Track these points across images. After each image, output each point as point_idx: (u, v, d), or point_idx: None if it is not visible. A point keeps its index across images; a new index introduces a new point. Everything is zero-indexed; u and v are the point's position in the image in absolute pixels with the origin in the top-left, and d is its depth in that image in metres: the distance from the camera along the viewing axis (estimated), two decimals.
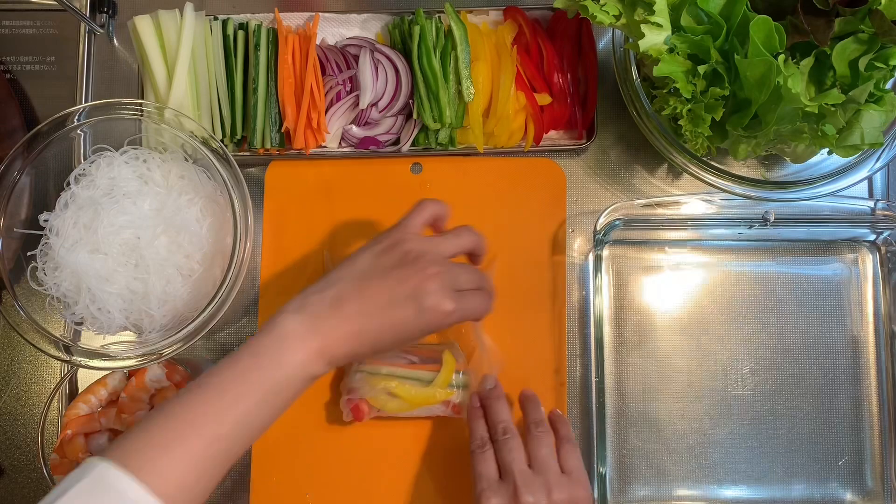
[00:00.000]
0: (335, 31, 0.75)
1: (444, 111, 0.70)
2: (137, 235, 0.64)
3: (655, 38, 0.60)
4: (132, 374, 0.69)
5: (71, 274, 0.64)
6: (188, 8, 0.70)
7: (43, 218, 0.66)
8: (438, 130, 0.71)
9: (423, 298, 0.55)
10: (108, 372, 0.69)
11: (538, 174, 0.74)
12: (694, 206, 0.69)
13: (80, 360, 0.64)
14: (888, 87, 0.61)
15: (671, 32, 0.60)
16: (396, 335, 0.56)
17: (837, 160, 0.66)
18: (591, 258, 0.73)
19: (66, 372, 0.71)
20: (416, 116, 0.71)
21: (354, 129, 0.73)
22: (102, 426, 0.67)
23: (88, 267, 0.63)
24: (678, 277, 0.74)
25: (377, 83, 0.72)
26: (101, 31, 0.76)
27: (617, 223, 0.68)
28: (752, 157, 0.69)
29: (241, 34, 0.72)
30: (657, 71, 0.59)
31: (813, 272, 0.74)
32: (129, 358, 0.64)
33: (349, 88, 0.72)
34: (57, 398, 0.71)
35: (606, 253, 0.73)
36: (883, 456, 0.72)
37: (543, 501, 0.58)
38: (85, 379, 0.72)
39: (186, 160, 0.69)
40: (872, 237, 0.74)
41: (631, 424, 0.72)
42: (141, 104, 0.66)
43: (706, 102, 0.61)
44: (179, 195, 0.66)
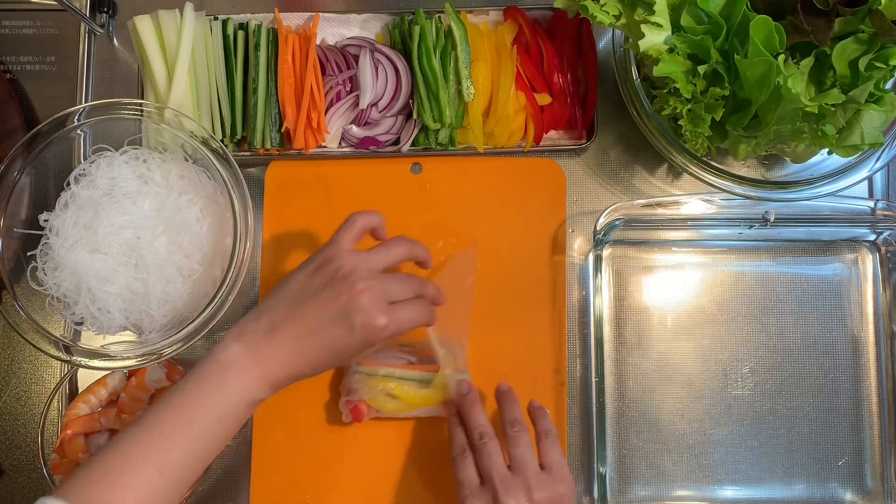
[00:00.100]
0: (335, 31, 0.75)
1: (444, 111, 0.70)
2: (137, 235, 0.64)
3: (655, 38, 0.60)
4: (132, 374, 0.69)
5: (71, 274, 0.64)
6: (188, 8, 0.70)
7: (43, 218, 0.66)
8: (438, 130, 0.71)
9: (354, 315, 0.56)
10: (108, 372, 0.69)
11: (538, 174, 0.74)
12: (694, 206, 0.69)
13: (80, 360, 0.64)
14: (888, 87, 0.61)
15: (671, 32, 0.60)
16: (334, 354, 0.57)
17: (837, 160, 0.66)
18: (591, 258, 0.73)
19: (66, 372, 0.71)
20: (416, 116, 0.71)
21: (354, 129, 0.73)
22: (102, 426, 0.67)
23: (88, 267, 0.63)
24: (678, 277, 0.74)
25: (377, 83, 0.72)
26: (101, 31, 0.76)
27: (617, 223, 0.68)
28: (752, 157, 0.69)
29: (241, 34, 0.72)
30: (657, 71, 0.59)
31: (813, 272, 0.74)
32: (129, 358, 0.64)
33: (349, 88, 0.72)
34: (57, 398, 0.71)
35: (606, 253, 0.73)
36: (883, 456, 0.72)
37: (525, 499, 0.58)
38: (85, 379, 0.72)
39: (186, 160, 0.69)
40: (872, 237, 0.74)
41: (631, 424, 0.72)
42: (141, 104, 0.66)
43: (706, 102, 0.61)
44: (179, 195, 0.66)
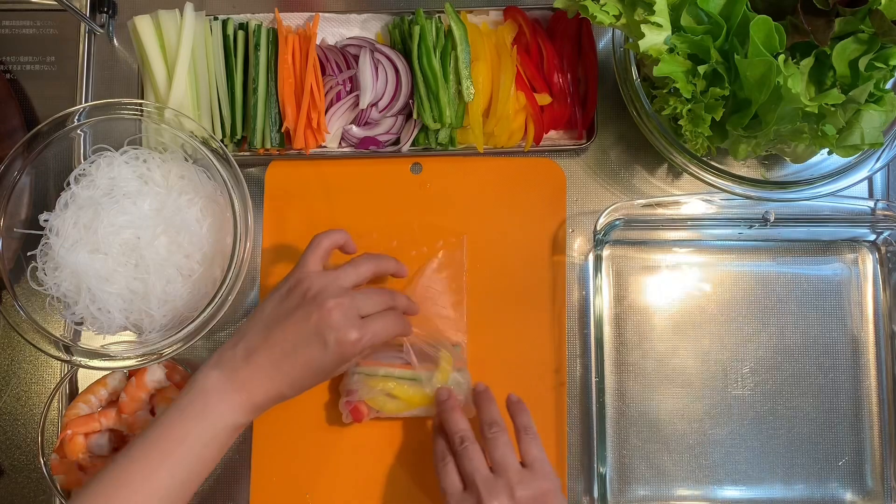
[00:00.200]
0: (335, 31, 0.75)
1: (444, 111, 0.70)
2: (137, 235, 0.64)
3: (655, 38, 0.60)
4: (132, 374, 0.69)
5: (71, 274, 0.64)
6: (188, 8, 0.70)
7: (43, 218, 0.66)
8: (438, 130, 0.71)
9: (326, 333, 0.57)
10: (108, 372, 0.69)
11: (538, 174, 0.74)
12: (694, 206, 0.69)
13: (80, 360, 0.64)
14: (888, 87, 0.61)
15: (671, 32, 0.60)
16: (311, 372, 0.58)
17: (837, 160, 0.66)
18: (591, 258, 0.73)
19: (66, 372, 0.71)
20: (416, 116, 0.71)
21: (354, 129, 0.73)
22: (102, 426, 0.68)
23: (88, 267, 0.63)
24: (678, 277, 0.74)
25: (377, 83, 0.72)
26: (101, 31, 0.76)
27: (617, 223, 0.68)
28: (752, 157, 0.69)
29: (241, 34, 0.72)
30: (657, 71, 0.59)
31: (813, 272, 0.74)
32: (129, 358, 0.64)
33: (349, 88, 0.72)
34: (57, 398, 0.71)
35: (606, 253, 0.73)
36: (883, 456, 0.72)
37: (509, 499, 0.58)
38: (85, 379, 0.72)
39: (186, 160, 0.69)
40: (872, 237, 0.74)
41: (631, 424, 0.72)
42: (141, 104, 0.66)
43: (706, 102, 0.61)
44: (179, 195, 0.66)
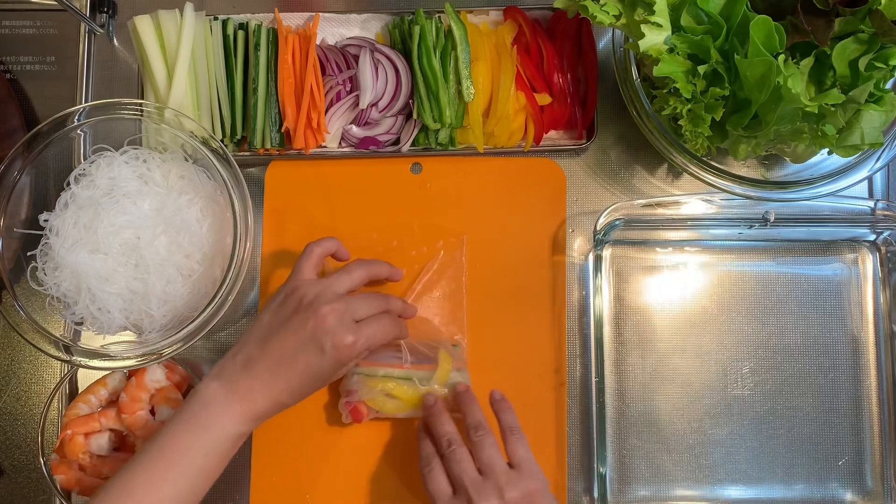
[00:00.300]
0: (335, 31, 0.75)
1: (444, 111, 0.70)
2: (137, 235, 0.64)
3: (655, 38, 0.60)
4: (132, 374, 0.69)
5: (71, 274, 0.64)
6: (188, 8, 0.70)
7: (43, 218, 0.66)
8: (438, 130, 0.71)
9: (322, 338, 0.58)
10: (108, 372, 0.69)
11: (538, 174, 0.74)
12: (694, 206, 0.69)
13: (80, 360, 0.64)
14: (888, 87, 0.61)
15: (671, 32, 0.60)
16: (310, 378, 0.59)
17: (837, 160, 0.66)
18: (591, 258, 0.73)
19: (66, 372, 0.71)
20: (416, 116, 0.71)
21: (354, 129, 0.73)
22: (102, 426, 0.68)
23: (88, 267, 0.63)
24: (678, 277, 0.74)
25: (377, 83, 0.72)
26: (101, 31, 0.76)
27: (617, 223, 0.68)
28: (752, 157, 0.69)
29: (241, 34, 0.72)
30: (657, 71, 0.59)
31: (813, 272, 0.74)
32: (129, 358, 0.64)
33: (349, 88, 0.72)
34: (57, 398, 0.71)
35: (606, 253, 0.73)
36: (883, 456, 0.72)
37: (498, 500, 0.58)
38: (85, 379, 0.72)
39: (186, 160, 0.69)
40: (872, 237, 0.74)
41: (631, 424, 0.72)
42: (141, 104, 0.66)
43: (706, 102, 0.60)
44: (179, 195, 0.66)
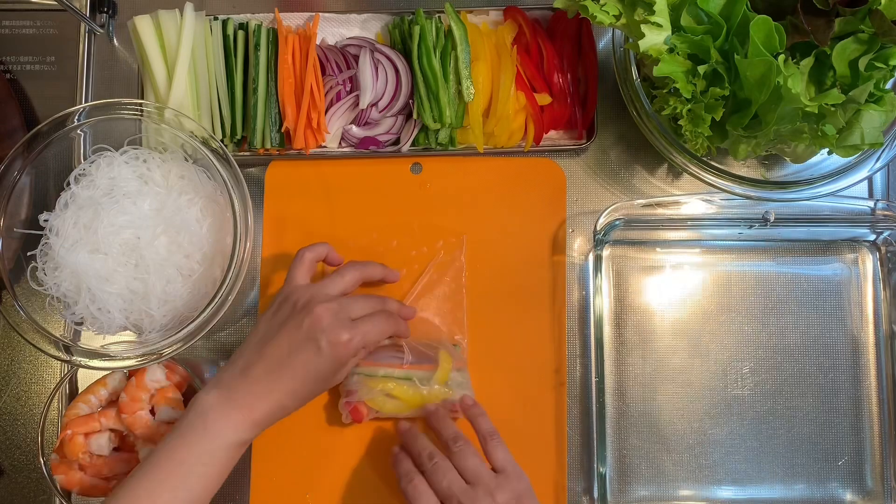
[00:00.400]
0: (335, 31, 0.75)
1: (444, 111, 0.70)
2: (137, 235, 0.64)
3: (655, 38, 0.60)
4: (132, 374, 0.69)
5: (71, 274, 0.64)
6: (188, 8, 0.70)
7: (43, 218, 0.66)
8: (438, 130, 0.71)
9: (318, 336, 0.58)
10: (108, 372, 0.69)
11: (538, 174, 0.74)
12: (694, 206, 0.69)
13: (80, 360, 0.64)
14: (888, 87, 0.61)
15: (671, 32, 0.60)
16: (309, 378, 0.59)
17: (837, 160, 0.66)
18: (591, 258, 0.73)
19: (66, 372, 0.71)
20: (416, 116, 0.71)
21: (354, 129, 0.73)
22: (102, 426, 0.67)
23: (88, 267, 0.63)
24: (678, 277, 0.74)
25: (377, 83, 0.72)
26: (101, 31, 0.76)
27: (617, 223, 0.68)
28: (752, 157, 0.69)
29: (241, 34, 0.72)
30: (657, 71, 0.59)
31: (813, 272, 0.74)
32: (129, 358, 0.64)
33: (349, 88, 0.72)
34: (57, 398, 0.71)
35: (606, 253, 0.73)
36: (883, 456, 0.72)
37: None
38: (85, 379, 0.72)
39: (186, 160, 0.69)
40: (872, 237, 0.74)
41: (631, 424, 0.72)
42: (141, 104, 0.66)
43: (706, 102, 0.60)
44: (179, 195, 0.66)
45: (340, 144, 0.74)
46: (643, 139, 0.69)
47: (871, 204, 0.69)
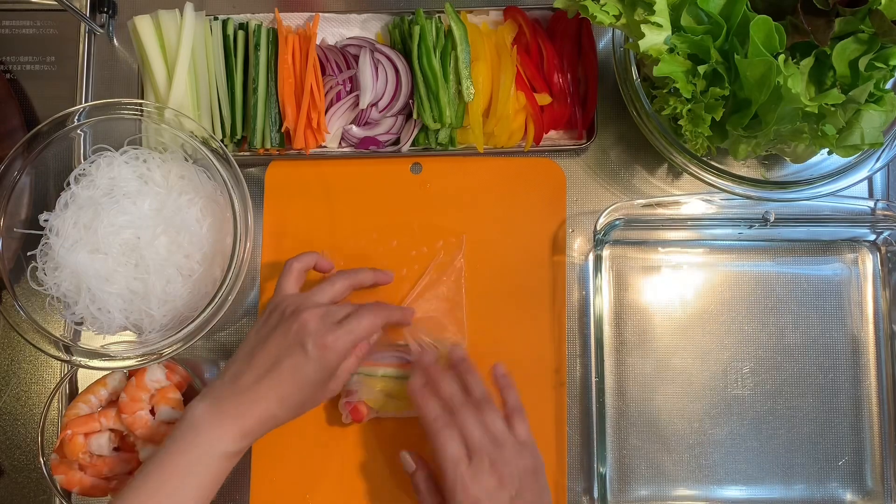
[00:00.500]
0: (335, 31, 0.75)
1: (444, 111, 0.70)
2: (137, 235, 0.64)
3: (655, 38, 0.60)
4: (132, 374, 0.69)
5: (71, 274, 0.64)
6: (188, 8, 0.70)
7: (43, 218, 0.66)
8: (438, 130, 0.71)
9: (305, 340, 0.59)
10: (108, 372, 0.69)
11: (538, 174, 0.74)
12: (694, 206, 0.69)
13: (80, 360, 0.64)
14: (888, 87, 0.61)
15: (671, 32, 0.60)
16: (298, 385, 0.59)
17: (837, 160, 0.66)
18: (591, 258, 0.73)
19: (66, 372, 0.71)
20: (416, 116, 0.71)
21: (354, 129, 0.73)
22: (102, 426, 0.67)
23: (88, 267, 0.63)
24: (678, 277, 0.74)
25: (377, 83, 0.72)
26: (101, 31, 0.76)
27: (617, 223, 0.68)
28: (752, 157, 0.69)
29: (241, 34, 0.72)
30: (657, 71, 0.59)
31: (813, 272, 0.74)
32: (129, 358, 0.64)
33: (349, 88, 0.72)
34: (57, 398, 0.71)
35: (606, 253, 0.73)
36: (883, 456, 0.72)
37: (515, 474, 0.59)
38: (85, 379, 0.72)
39: (186, 160, 0.69)
40: (872, 237, 0.74)
41: (631, 424, 0.72)
42: (141, 104, 0.66)
43: (706, 102, 0.60)
44: (179, 195, 0.66)
45: (340, 144, 0.74)
46: (643, 139, 0.69)
47: (871, 204, 0.69)
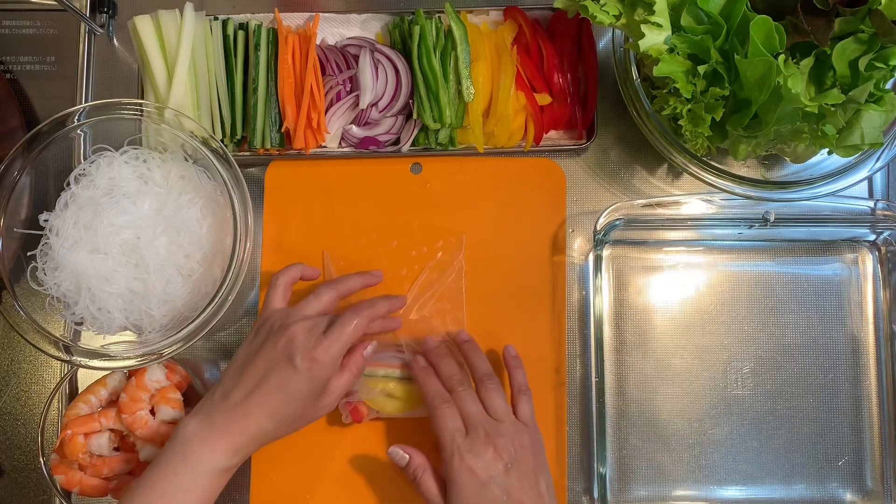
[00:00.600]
0: (335, 31, 0.75)
1: (444, 111, 0.70)
2: (137, 235, 0.64)
3: (655, 38, 0.60)
4: (132, 374, 0.69)
5: (71, 274, 0.64)
6: (188, 8, 0.70)
7: (43, 218, 0.66)
8: (438, 130, 0.71)
9: (294, 353, 0.59)
10: (108, 372, 0.69)
11: (538, 174, 0.74)
12: (694, 206, 0.69)
13: (80, 360, 0.64)
14: (888, 87, 0.61)
15: (671, 32, 0.60)
16: (287, 398, 0.59)
17: (837, 160, 0.66)
18: (591, 258, 0.73)
19: (66, 372, 0.71)
20: (416, 116, 0.71)
21: (354, 129, 0.73)
22: (102, 426, 0.67)
23: (88, 267, 0.63)
24: (678, 277, 0.74)
25: (377, 83, 0.72)
26: (101, 31, 0.76)
27: (617, 223, 0.68)
28: (752, 157, 0.69)
29: (241, 34, 0.72)
30: (657, 71, 0.59)
31: (813, 272, 0.74)
32: (129, 358, 0.64)
33: (349, 88, 0.72)
34: (57, 398, 0.71)
35: (606, 253, 0.73)
36: (883, 456, 0.72)
37: (510, 446, 0.60)
38: (85, 379, 0.72)
39: (186, 160, 0.69)
40: (872, 237, 0.74)
41: (631, 424, 0.72)
42: (141, 104, 0.66)
43: (706, 102, 0.60)
44: (179, 195, 0.66)
45: (340, 144, 0.74)
46: (643, 139, 0.69)
47: (871, 204, 0.69)
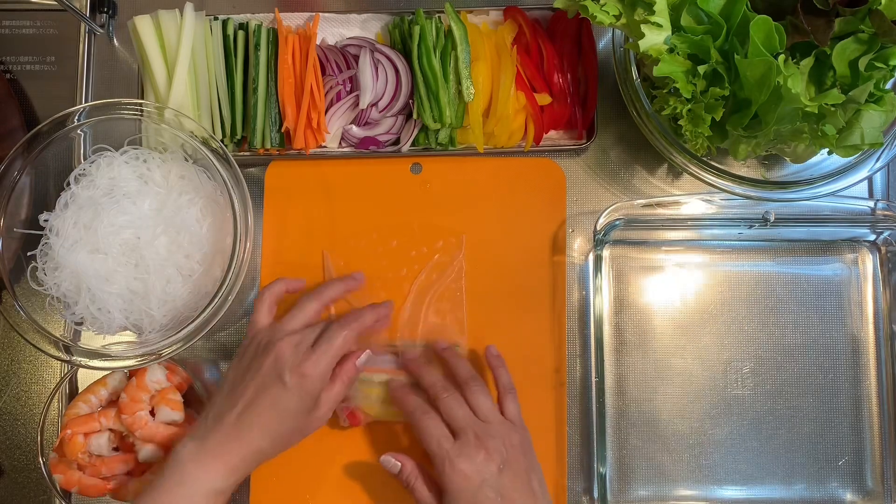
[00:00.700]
0: (335, 31, 0.75)
1: (444, 111, 0.70)
2: (137, 235, 0.64)
3: (655, 38, 0.60)
4: (132, 374, 0.69)
5: (71, 274, 0.64)
6: (188, 8, 0.70)
7: (43, 218, 0.66)
8: (438, 130, 0.71)
9: (282, 369, 0.59)
10: (108, 372, 0.69)
11: (538, 174, 0.74)
12: (694, 206, 0.69)
13: (80, 360, 0.64)
14: (888, 87, 0.61)
15: (671, 32, 0.60)
16: (279, 416, 0.59)
17: (837, 160, 0.66)
18: (591, 258, 0.73)
19: (66, 372, 0.71)
20: (416, 116, 0.71)
21: (354, 129, 0.73)
22: (102, 426, 0.67)
23: (88, 267, 0.63)
24: (678, 277, 0.74)
25: (377, 83, 0.72)
26: (101, 31, 0.76)
27: (617, 223, 0.68)
28: (752, 157, 0.69)
29: (241, 34, 0.72)
30: (657, 71, 0.59)
31: (813, 272, 0.74)
32: (129, 358, 0.64)
33: (349, 88, 0.72)
34: (57, 398, 0.71)
35: (606, 253, 0.73)
36: (883, 456, 0.72)
37: (500, 447, 0.60)
38: (85, 379, 0.72)
39: (186, 160, 0.69)
40: (872, 237, 0.74)
41: (631, 424, 0.72)
42: (141, 104, 0.66)
43: (706, 102, 0.60)
44: (179, 195, 0.66)
45: (340, 144, 0.74)
46: (643, 139, 0.69)
47: (871, 204, 0.69)
